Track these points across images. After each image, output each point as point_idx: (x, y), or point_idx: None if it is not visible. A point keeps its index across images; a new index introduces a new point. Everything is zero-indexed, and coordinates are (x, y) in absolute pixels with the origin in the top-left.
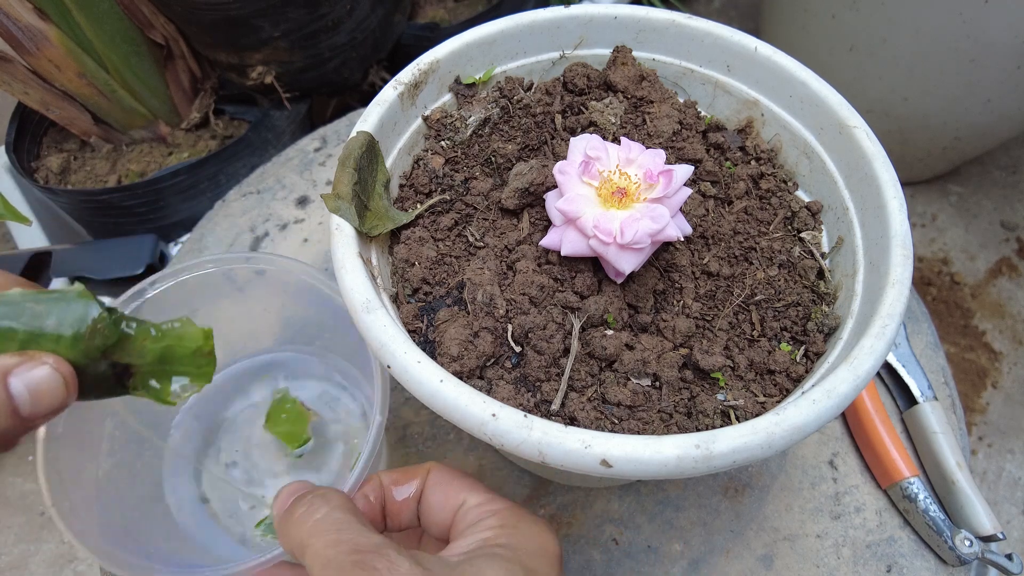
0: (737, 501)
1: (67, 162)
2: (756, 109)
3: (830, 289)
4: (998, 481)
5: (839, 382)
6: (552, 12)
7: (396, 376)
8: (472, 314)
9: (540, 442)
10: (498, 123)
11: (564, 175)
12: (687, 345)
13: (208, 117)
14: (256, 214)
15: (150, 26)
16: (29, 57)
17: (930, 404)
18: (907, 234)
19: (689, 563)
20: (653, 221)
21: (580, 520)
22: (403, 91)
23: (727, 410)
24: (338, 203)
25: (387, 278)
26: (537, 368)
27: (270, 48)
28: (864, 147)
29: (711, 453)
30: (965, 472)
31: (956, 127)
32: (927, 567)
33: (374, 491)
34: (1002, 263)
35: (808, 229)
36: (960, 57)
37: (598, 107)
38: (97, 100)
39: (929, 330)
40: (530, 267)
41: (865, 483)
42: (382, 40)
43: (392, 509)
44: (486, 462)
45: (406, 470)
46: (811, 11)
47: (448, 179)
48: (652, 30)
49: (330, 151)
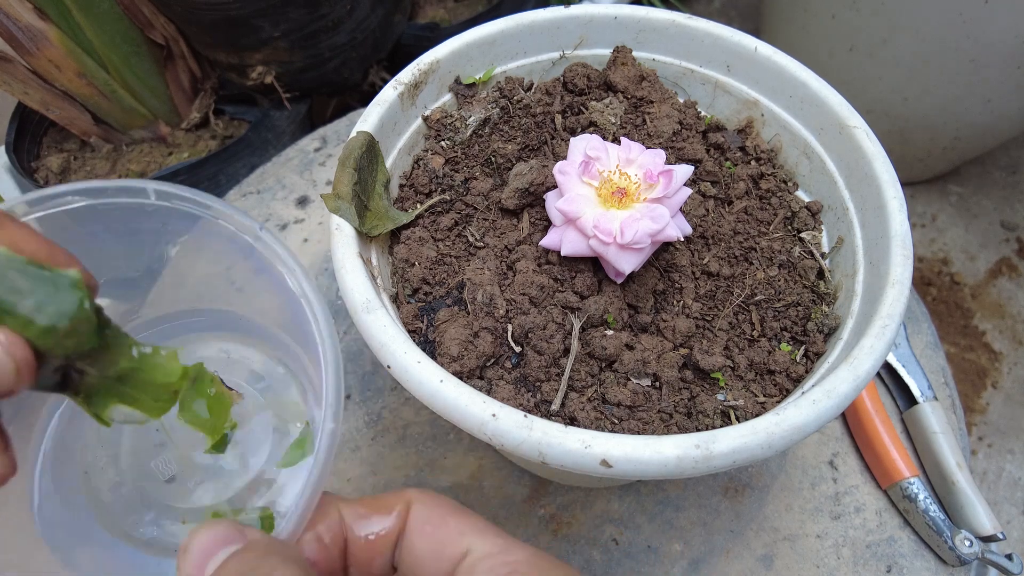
0: (737, 501)
1: (67, 162)
2: (756, 109)
3: (830, 289)
4: (998, 481)
5: (839, 382)
6: (552, 12)
7: (396, 376)
8: (472, 314)
9: (540, 442)
10: (498, 123)
11: (564, 175)
12: (687, 345)
13: (208, 117)
14: (256, 214)
15: (150, 26)
16: (29, 57)
17: (930, 404)
18: (907, 234)
19: (689, 563)
20: (653, 221)
21: (580, 520)
22: (403, 91)
23: (727, 410)
24: (338, 203)
25: (387, 278)
26: (537, 368)
27: (270, 48)
28: (864, 147)
29: (711, 453)
30: (965, 472)
31: (956, 127)
32: (927, 567)
33: (330, 530)
34: (1002, 263)
35: (808, 229)
36: (960, 57)
37: (598, 107)
38: (97, 100)
39: (929, 330)
40: (530, 267)
41: (865, 483)
42: (382, 40)
43: (357, 554)
44: (486, 462)
45: (376, 500)
46: (811, 11)
47: (448, 179)
48: (652, 30)
49: (330, 151)
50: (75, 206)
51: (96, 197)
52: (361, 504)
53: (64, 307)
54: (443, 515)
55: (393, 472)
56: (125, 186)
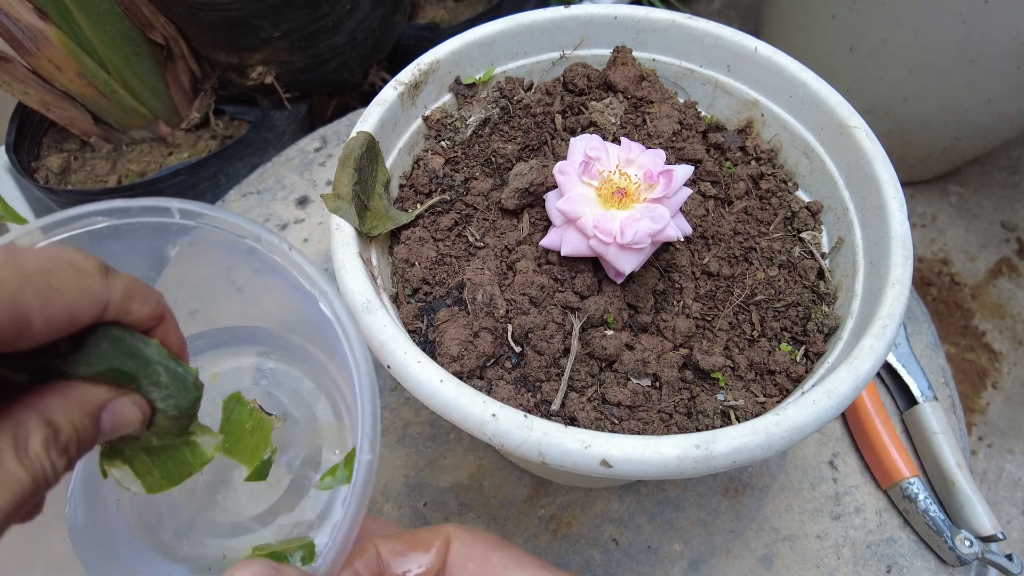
0: (737, 501)
1: (67, 162)
2: (756, 109)
3: (830, 289)
4: (998, 481)
5: (839, 382)
6: (552, 12)
7: (396, 376)
8: (472, 314)
9: (540, 442)
10: (498, 123)
11: (564, 175)
12: (687, 345)
13: (208, 117)
14: (256, 214)
15: (150, 26)
16: (29, 57)
17: (930, 404)
18: (907, 234)
19: (689, 563)
20: (653, 221)
21: (580, 520)
22: (403, 91)
23: (727, 410)
24: (338, 203)
25: (387, 278)
26: (537, 368)
27: (270, 48)
28: (864, 147)
29: (711, 453)
30: (965, 472)
31: (956, 127)
32: (927, 567)
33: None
34: (1002, 263)
35: (808, 229)
36: (960, 57)
37: (598, 107)
38: (97, 100)
39: (929, 330)
40: (530, 267)
41: (865, 483)
42: (382, 40)
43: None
44: (486, 462)
45: (414, 536)
46: (811, 12)
47: (448, 179)
48: (652, 30)
49: (330, 151)
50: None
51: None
52: (399, 541)
53: (183, 403)
54: (485, 551)
55: (393, 472)
56: (149, 205)
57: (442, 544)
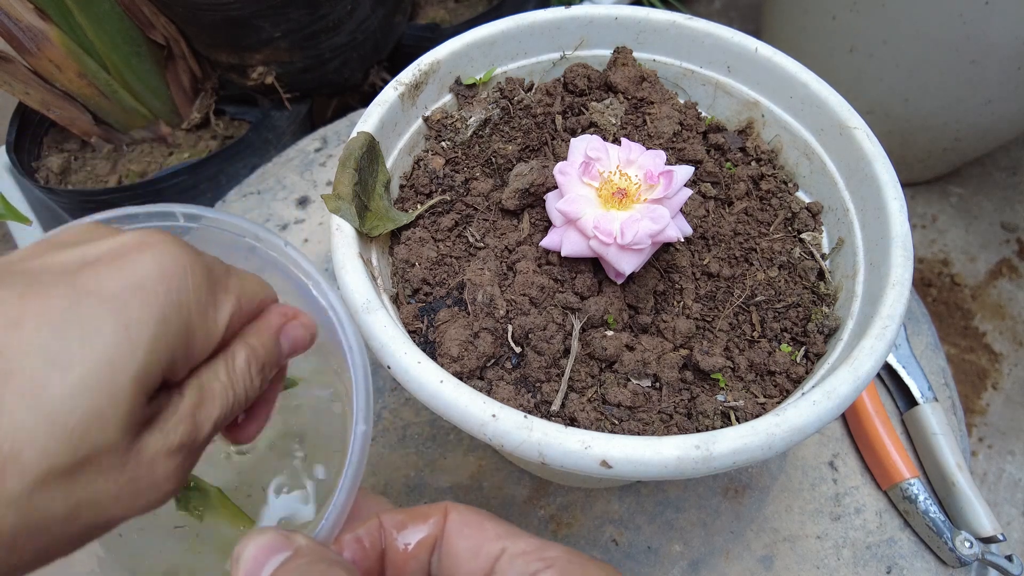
0: (737, 502)
1: (68, 162)
2: (757, 110)
3: (830, 290)
4: (998, 482)
5: (839, 383)
6: (553, 13)
7: (396, 376)
8: (472, 315)
9: (540, 443)
10: (498, 124)
11: (565, 176)
12: (687, 346)
13: (208, 117)
14: (256, 215)
15: (151, 26)
16: (30, 57)
17: (930, 405)
18: (907, 235)
19: (689, 564)
20: (653, 222)
21: (580, 521)
22: (404, 91)
23: (727, 411)
24: (338, 203)
25: (387, 278)
26: (537, 369)
27: (271, 48)
28: (864, 148)
29: (711, 454)
30: (965, 473)
31: (956, 128)
32: (927, 568)
33: (370, 535)
34: (1002, 264)
35: (808, 230)
36: (960, 58)
37: (598, 108)
38: (98, 100)
39: (929, 331)
40: (530, 268)
41: (865, 484)
42: (383, 41)
43: (396, 561)
44: (486, 463)
45: (415, 511)
46: (811, 12)
47: (448, 180)
48: (652, 31)
49: (330, 151)
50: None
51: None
52: (400, 512)
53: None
54: (480, 520)
55: (393, 472)
56: (155, 211)
57: (440, 516)
